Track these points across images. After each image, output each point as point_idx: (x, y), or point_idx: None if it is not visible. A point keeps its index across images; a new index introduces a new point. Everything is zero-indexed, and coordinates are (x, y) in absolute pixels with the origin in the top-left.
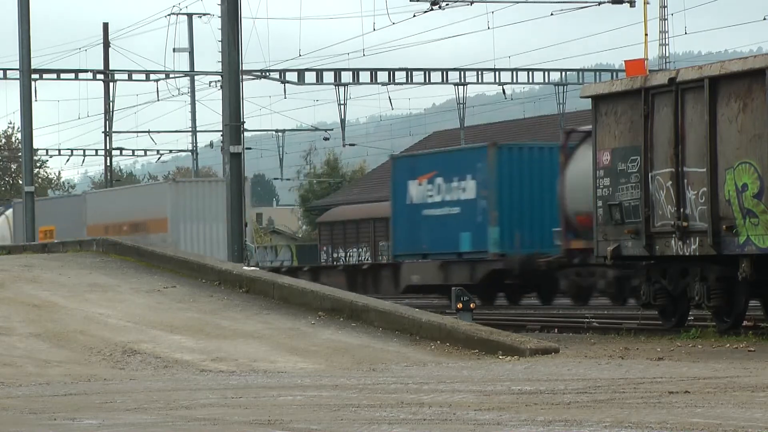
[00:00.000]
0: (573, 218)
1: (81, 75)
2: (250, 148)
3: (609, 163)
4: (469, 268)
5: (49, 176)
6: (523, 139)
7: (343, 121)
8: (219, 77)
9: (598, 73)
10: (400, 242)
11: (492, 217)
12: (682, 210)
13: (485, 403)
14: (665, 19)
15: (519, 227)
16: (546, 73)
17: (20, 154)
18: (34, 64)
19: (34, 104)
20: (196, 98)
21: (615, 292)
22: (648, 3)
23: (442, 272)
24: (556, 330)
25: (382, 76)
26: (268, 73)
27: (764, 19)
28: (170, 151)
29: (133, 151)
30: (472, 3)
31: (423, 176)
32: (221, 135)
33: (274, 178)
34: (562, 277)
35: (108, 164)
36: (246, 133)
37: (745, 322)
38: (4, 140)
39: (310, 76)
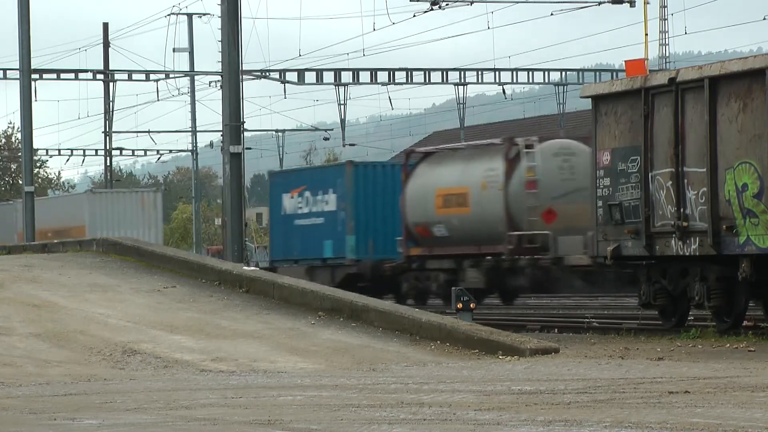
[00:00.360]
0: (413, 228)
1: (81, 75)
2: (250, 148)
3: (609, 163)
4: (330, 272)
5: (49, 176)
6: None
7: (343, 121)
8: (219, 77)
9: (598, 73)
10: (276, 249)
11: (349, 227)
12: (682, 210)
13: (485, 403)
14: (665, 19)
15: (372, 236)
16: (546, 73)
17: (20, 154)
18: (34, 64)
19: (34, 104)
20: (196, 98)
21: (445, 294)
22: (648, 3)
23: (308, 276)
24: (556, 330)
25: (382, 76)
26: (268, 73)
27: (764, 19)
28: (170, 151)
29: (133, 151)
30: (472, 3)
31: (295, 190)
32: (221, 135)
33: None
34: (404, 281)
35: (108, 164)
36: (246, 133)
37: (745, 322)
38: (4, 140)
39: (310, 76)
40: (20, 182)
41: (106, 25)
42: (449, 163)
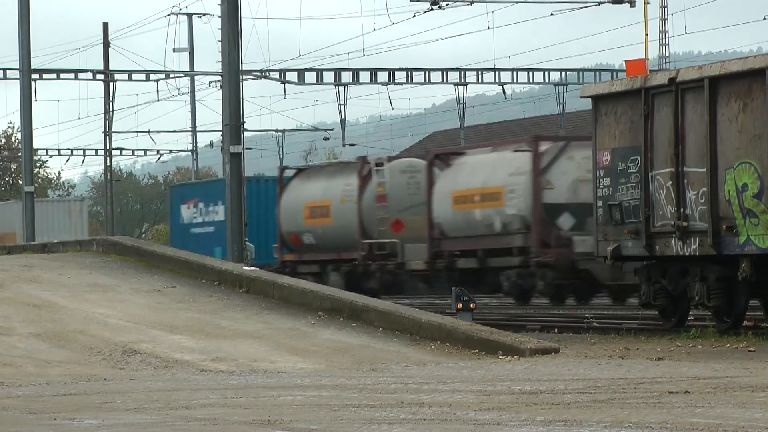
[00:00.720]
0: (286, 236)
1: (81, 75)
2: (250, 148)
3: (609, 163)
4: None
5: (49, 176)
6: (522, 138)
7: (343, 121)
8: (219, 77)
9: (598, 73)
10: None
11: None
12: (682, 210)
13: (485, 403)
14: (665, 19)
15: (256, 243)
16: (546, 73)
17: (20, 154)
18: (34, 64)
19: (34, 104)
20: (196, 98)
21: None
22: (648, 3)
23: None
24: (556, 330)
25: (382, 76)
26: (268, 73)
27: (764, 19)
28: (170, 151)
29: (133, 151)
30: (472, 3)
31: (190, 201)
32: (221, 135)
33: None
34: None
35: (108, 164)
36: (246, 133)
37: (745, 322)
38: (4, 140)
39: (310, 76)
40: (20, 182)
41: (106, 25)
42: (316, 179)
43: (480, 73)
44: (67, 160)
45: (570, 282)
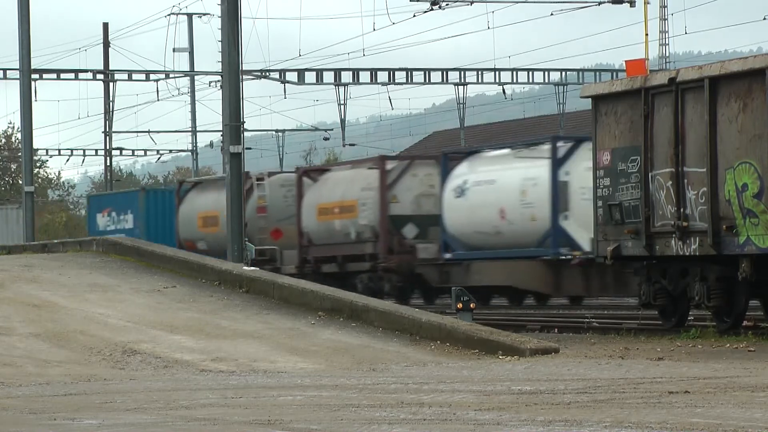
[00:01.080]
0: (184, 243)
1: (81, 75)
2: (250, 148)
3: (609, 163)
4: None
5: (49, 176)
6: (522, 138)
7: (343, 121)
8: (219, 77)
9: (598, 73)
10: None
11: None
12: (682, 210)
13: (485, 403)
14: (665, 19)
15: None
16: (546, 73)
17: (20, 154)
18: (34, 64)
19: (34, 104)
20: (196, 98)
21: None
22: (648, 3)
23: None
24: (556, 330)
25: (382, 76)
26: (268, 73)
27: (764, 19)
28: (170, 151)
29: (133, 151)
30: (472, 3)
31: (105, 210)
32: (221, 135)
33: None
34: None
35: (108, 164)
36: (246, 133)
37: (745, 322)
38: (4, 140)
39: (310, 76)
40: (20, 182)
41: (106, 25)
42: (208, 192)
43: (480, 73)
44: (67, 160)
45: (411, 284)
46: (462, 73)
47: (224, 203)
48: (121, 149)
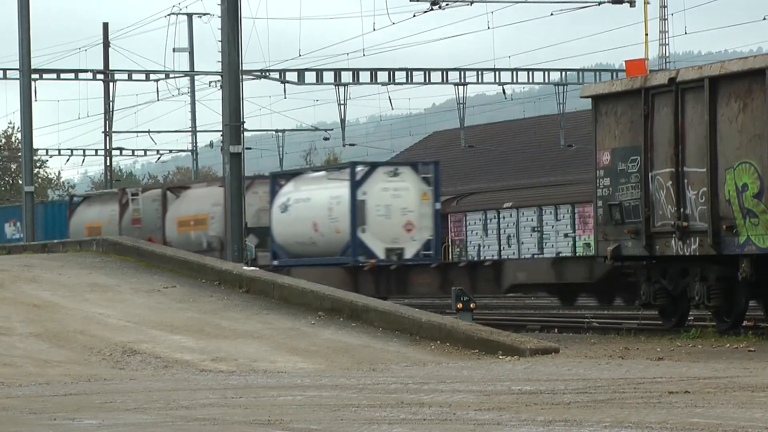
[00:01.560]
0: None
1: (81, 75)
2: (250, 148)
3: (609, 163)
4: None
5: (49, 176)
6: (522, 138)
7: (343, 121)
8: (219, 77)
9: (598, 73)
10: None
11: None
12: (682, 210)
13: (485, 403)
14: (665, 19)
15: None
16: (546, 73)
17: (20, 154)
18: (34, 64)
19: (34, 104)
20: (196, 98)
21: None
22: (648, 3)
23: None
24: (556, 330)
25: (382, 76)
26: (268, 73)
27: (764, 19)
28: (170, 151)
29: (133, 151)
30: (472, 3)
31: (12, 220)
32: (221, 135)
33: None
34: None
35: (108, 164)
36: (246, 133)
37: (745, 322)
38: (4, 140)
39: (310, 76)
40: (20, 182)
41: (106, 25)
42: (94, 205)
43: (480, 73)
44: (67, 160)
45: None
46: (462, 73)
47: (105, 215)
48: (121, 149)
